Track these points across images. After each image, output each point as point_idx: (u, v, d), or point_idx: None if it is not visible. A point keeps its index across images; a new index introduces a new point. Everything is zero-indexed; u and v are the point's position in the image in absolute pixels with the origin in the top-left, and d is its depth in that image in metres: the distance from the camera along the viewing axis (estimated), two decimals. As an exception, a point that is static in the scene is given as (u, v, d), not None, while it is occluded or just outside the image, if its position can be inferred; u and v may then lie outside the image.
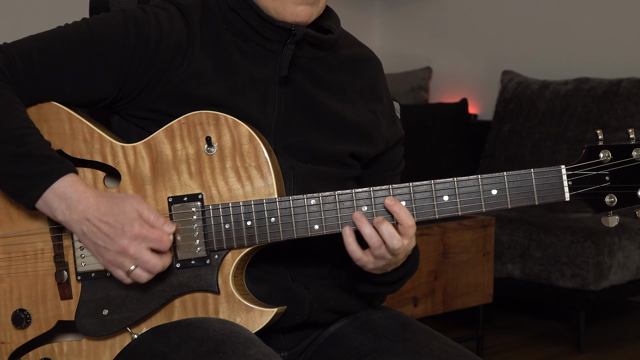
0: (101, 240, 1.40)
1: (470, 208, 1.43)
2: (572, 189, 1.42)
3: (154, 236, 1.39)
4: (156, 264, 1.40)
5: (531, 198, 1.42)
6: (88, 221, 1.40)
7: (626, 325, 4.06)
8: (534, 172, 1.42)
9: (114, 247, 1.39)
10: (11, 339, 1.51)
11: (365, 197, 1.44)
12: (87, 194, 1.40)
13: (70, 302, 1.49)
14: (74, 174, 1.42)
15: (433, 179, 1.45)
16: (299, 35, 1.51)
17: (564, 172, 1.42)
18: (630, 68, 4.36)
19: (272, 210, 1.45)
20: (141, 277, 1.41)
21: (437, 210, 1.43)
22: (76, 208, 1.40)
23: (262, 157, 1.46)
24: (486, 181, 1.43)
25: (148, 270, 1.40)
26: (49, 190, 1.40)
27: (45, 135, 1.47)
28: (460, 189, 1.43)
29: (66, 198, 1.40)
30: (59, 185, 1.40)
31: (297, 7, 1.51)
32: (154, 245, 1.39)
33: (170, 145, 1.47)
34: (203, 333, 1.40)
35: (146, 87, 1.50)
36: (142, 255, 1.39)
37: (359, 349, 1.55)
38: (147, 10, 1.52)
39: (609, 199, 1.41)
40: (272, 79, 1.54)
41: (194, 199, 1.46)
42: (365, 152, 1.60)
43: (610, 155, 1.41)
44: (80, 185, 1.41)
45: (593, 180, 1.41)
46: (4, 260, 1.51)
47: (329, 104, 1.57)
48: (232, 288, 1.46)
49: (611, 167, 1.41)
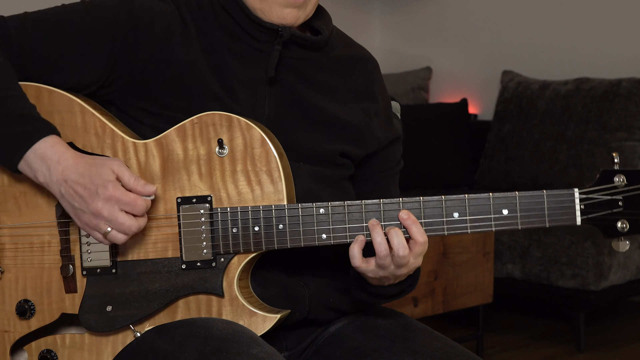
0: (77, 202, 1.41)
1: (480, 227, 1.41)
2: (583, 213, 1.39)
3: (127, 199, 1.40)
4: (131, 225, 1.40)
5: (542, 220, 1.40)
6: (65, 183, 1.41)
7: (626, 325, 4.06)
8: (547, 194, 1.40)
9: (89, 209, 1.40)
10: (14, 328, 1.52)
11: (374, 210, 1.43)
12: (66, 156, 1.41)
13: (75, 295, 1.50)
14: (55, 135, 1.43)
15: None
16: (286, 37, 1.52)
17: (577, 196, 1.39)
18: (630, 68, 4.36)
19: (281, 217, 1.44)
20: (118, 239, 1.41)
21: (445, 227, 1.42)
22: (55, 169, 1.41)
23: (273, 162, 1.45)
24: (498, 200, 1.41)
25: (123, 232, 1.41)
26: (30, 150, 1.41)
27: (57, 127, 1.47)
28: (471, 207, 1.41)
29: (46, 159, 1.41)
30: (39, 146, 1.41)
31: (284, 10, 1.51)
32: (127, 209, 1.40)
33: (181, 145, 1.47)
34: (207, 332, 1.40)
35: (138, 73, 1.50)
36: (116, 217, 1.40)
37: (360, 349, 1.55)
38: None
39: (620, 225, 1.39)
40: (261, 80, 1.54)
41: (202, 200, 1.46)
42: (356, 152, 1.60)
43: (624, 180, 1.38)
44: (61, 147, 1.42)
45: (605, 205, 1.39)
46: (10, 251, 1.52)
47: (319, 104, 1.57)
48: (237, 292, 1.46)
49: (625, 192, 1.39)
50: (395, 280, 1.49)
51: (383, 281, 1.48)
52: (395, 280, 1.49)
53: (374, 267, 1.44)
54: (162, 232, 1.47)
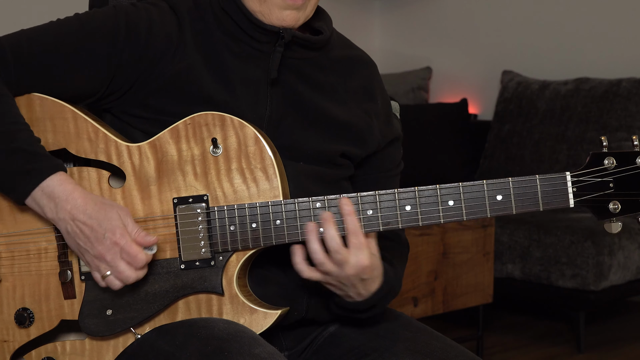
0: (82, 241, 1.42)
1: (475, 213, 1.43)
2: (576, 196, 1.42)
3: (130, 250, 1.40)
4: (129, 276, 1.42)
5: (536, 204, 1.42)
6: (73, 222, 1.42)
7: (626, 325, 4.06)
8: (539, 178, 1.42)
9: (93, 251, 1.41)
10: (14, 338, 1.51)
11: (370, 201, 1.44)
12: (74, 195, 1.42)
13: (74, 301, 1.49)
14: (62, 172, 1.43)
15: (437, 183, 1.45)
16: (287, 38, 1.52)
17: (569, 179, 1.42)
18: (630, 68, 4.36)
19: (278, 212, 1.45)
20: (114, 284, 1.43)
21: (442, 215, 1.43)
22: (63, 207, 1.41)
23: (267, 159, 1.46)
24: (491, 187, 1.43)
25: (121, 280, 1.42)
26: (38, 188, 1.42)
27: (49, 134, 1.47)
28: (466, 194, 1.43)
29: (54, 197, 1.42)
30: (47, 184, 1.42)
31: (284, 12, 1.51)
32: (127, 259, 1.41)
33: (175, 146, 1.47)
34: (208, 332, 1.40)
35: (136, 82, 1.50)
36: (117, 264, 1.41)
37: (360, 349, 1.55)
38: (138, 6, 1.53)
39: (612, 206, 1.42)
40: (262, 80, 1.54)
41: (199, 200, 1.46)
42: (356, 152, 1.60)
43: (614, 162, 1.41)
44: (69, 185, 1.42)
45: (597, 187, 1.42)
46: (7, 259, 1.52)
47: (320, 104, 1.57)
48: (236, 289, 1.46)
49: (615, 174, 1.41)
50: (357, 290, 1.47)
51: (345, 290, 1.47)
52: (355, 287, 1.46)
53: (320, 274, 1.44)
54: (159, 233, 1.47)
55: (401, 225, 1.44)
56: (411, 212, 1.44)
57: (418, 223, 1.44)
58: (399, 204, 1.44)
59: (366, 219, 1.44)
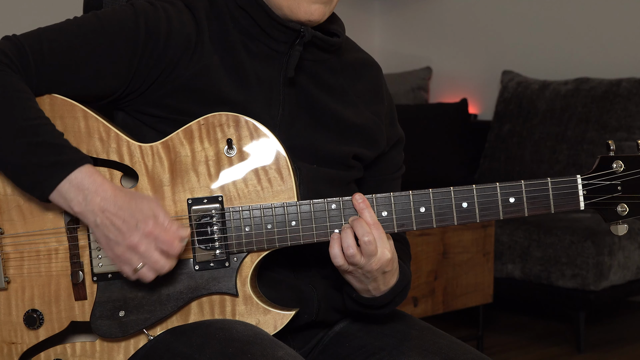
0: (113, 234, 1.38)
1: (488, 215, 1.46)
2: (586, 198, 1.46)
3: (166, 238, 1.38)
4: (164, 265, 1.39)
5: (547, 206, 1.46)
6: (103, 213, 1.38)
7: (626, 325, 4.07)
8: (551, 181, 1.45)
9: (125, 242, 1.38)
10: (22, 340, 1.49)
11: (385, 203, 1.45)
12: (105, 186, 1.39)
13: (85, 302, 1.48)
14: (90, 165, 1.40)
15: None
16: (307, 37, 1.51)
17: (580, 182, 1.45)
18: (630, 68, 4.36)
19: (293, 214, 1.45)
20: (147, 277, 1.40)
21: (455, 217, 1.45)
22: (93, 199, 1.38)
23: (282, 160, 1.46)
24: (504, 189, 1.45)
25: (156, 270, 1.39)
26: (65, 180, 1.38)
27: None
28: (479, 196, 1.45)
29: (83, 189, 1.38)
30: (76, 176, 1.38)
31: (312, 6, 1.50)
32: (164, 247, 1.38)
33: (189, 146, 1.46)
34: (227, 334, 1.40)
35: (155, 82, 1.49)
36: (151, 254, 1.38)
37: (366, 347, 1.55)
38: (156, 5, 1.51)
39: (620, 209, 1.46)
40: (277, 80, 1.53)
41: (213, 201, 1.45)
42: (367, 154, 1.61)
43: (622, 165, 1.45)
44: (98, 177, 1.40)
45: (606, 190, 1.46)
46: (16, 260, 1.50)
47: (332, 106, 1.57)
48: (250, 291, 1.46)
49: (623, 177, 1.45)
50: (377, 284, 1.49)
51: (366, 286, 1.48)
52: (376, 281, 1.48)
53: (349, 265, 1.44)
54: None
55: (416, 227, 1.45)
56: (425, 214, 1.45)
57: (432, 225, 1.45)
58: (413, 206, 1.45)
59: (381, 220, 1.45)
